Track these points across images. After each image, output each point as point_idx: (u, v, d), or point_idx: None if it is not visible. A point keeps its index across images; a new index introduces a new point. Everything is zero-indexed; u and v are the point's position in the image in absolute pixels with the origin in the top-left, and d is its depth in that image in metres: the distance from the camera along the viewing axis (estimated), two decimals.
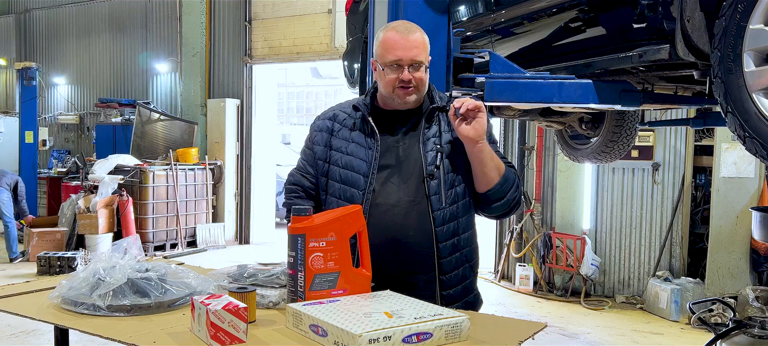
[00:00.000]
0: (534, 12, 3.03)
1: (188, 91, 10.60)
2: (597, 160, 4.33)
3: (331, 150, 2.07)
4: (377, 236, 1.94)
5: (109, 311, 1.70)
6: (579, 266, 6.70)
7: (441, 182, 1.97)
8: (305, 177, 2.12)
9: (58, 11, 12.54)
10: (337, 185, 2.04)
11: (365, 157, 2.01)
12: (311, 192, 2.11)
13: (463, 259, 2.03)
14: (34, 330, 5.24)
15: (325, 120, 2.14)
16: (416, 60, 1.96)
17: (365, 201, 1.97)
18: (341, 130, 2.09)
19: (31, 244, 8.17)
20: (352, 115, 2.10)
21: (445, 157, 1.99)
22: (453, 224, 1.99)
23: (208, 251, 9.52)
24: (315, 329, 1.53)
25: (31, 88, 10.87)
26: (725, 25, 1.97)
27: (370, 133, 2.03)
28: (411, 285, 1.94)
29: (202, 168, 9.75)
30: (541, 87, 2.70)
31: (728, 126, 2.04)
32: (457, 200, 2.00)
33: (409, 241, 1.96)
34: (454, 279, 2.01)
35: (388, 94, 2.01)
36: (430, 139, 2.01)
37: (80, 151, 11.70)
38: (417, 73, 1.97)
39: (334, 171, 2.05)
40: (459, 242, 2.01)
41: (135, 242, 2.24)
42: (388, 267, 1.95)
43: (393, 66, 1.96)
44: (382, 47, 1.99)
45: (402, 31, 1.99)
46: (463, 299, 2.03)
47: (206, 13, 10.44)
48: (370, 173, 1.99)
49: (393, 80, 1.98)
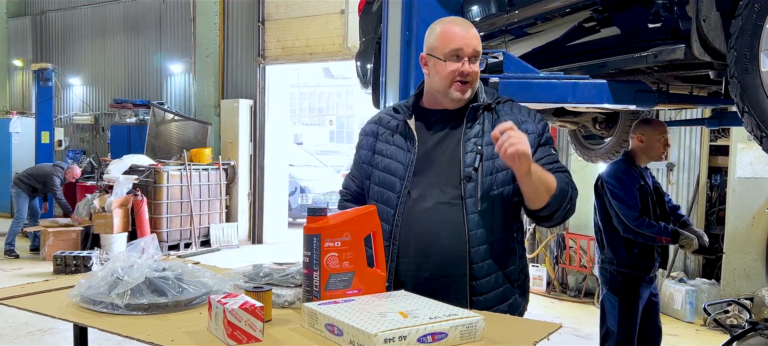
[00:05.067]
0: (547, 12, 3.03)
1: (202, 92, 10.67)
2: (611, 161, 4.31)
3: (374, 154, 2.06)
4: (410, 237, 1.94)
5: (127, 309, 1.72)
6: (593, 266, 6.67)
7: (478, 185, 1.90)
8: (353, 181, 2.16)
9: (74, 13, 12.68)
10: (375, 188, 2.03)
11: (403, 160, 1.98)
12: (359, 195, 2.13)
13: (497, 266, 1.94)
14: (50, 328, 5.30)
15: (371, 124, 2.14)
16: (478, 51, 1.93)
17: (399, 203, 1.95)
18: (385, 134, 2.07)
19: (47, 243, 8.26)
20: (395, 118, 2.08)
21: (486, 159, 1.91)
22: (488, 228, 1.91)
23: (221, 251, 9.59)
24: (330, 328, 1.54)
25: (47, 89, 11.01)
26: (742, 25, 1.96)
27: (410, 135, 2.01)
28: (443, 288, 1.91)
29: (215, 168, 9.81)
30: (556, 87, 2.70)
31: (745, 126, 2.03)
32: (493, 205, 1.92)
33: (442, 243, 1.92)
34: (486, 285, 1.93)
35: (444, 89, 1.96)
36: (471, 139, 1.95)
37: (95, 152, 11.82)
38: (474, 67, 1.94)
39: (375, 174, 2.05)
40: (494, 248, 1.93)
41: (152, 241, 2.27)
42: (420, 269, 1.94)
43: (453, 57, 1.92)
44: (441, 39, 1.93)
45: (461, 23, 1.97)
46: (496, 307, 1.93)
47: (220, 14, 10.50)
48: (406, 175, 1.96)
49: (452, 73, 1.92)
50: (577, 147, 4.64)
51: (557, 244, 7.04)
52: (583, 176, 6.99)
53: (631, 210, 3.44)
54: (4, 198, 12.47)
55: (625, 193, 3.48)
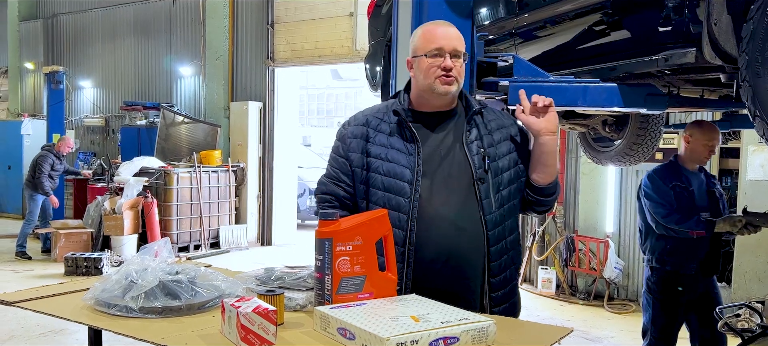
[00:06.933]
0: (557, 16, 3.03)
1: (211, 94, 10.72)
2: (620, 163, 4.30)
3: (368, 157, 2.02)
4: (428, 242, 1.94)
5: (141, 312, 1.74)
6: (602, 269, 6.65)
7: (489, 186, 1.98)
8: (339, 186, 2.07)
9: (85, 16, 12.77)
10: (380, 193, 2.00)
11: (408, 164, 1.98)
12: (346, 201, 2.06)
13: (510, 261, 2.05)
14: (62, 329, 5.34)
15: (358, 126, 2.08)
16: (457, 49, 1.99)
17: (412, 208, 1.95)
18: (377, 136, 2.04)
19: (58, 245, 8.32)
20: (386, 120, 2.06)
21: (491, 161, 2.01)
22: (501, 227, 2.00)
23: (231, 252, 9.62)
24: (343, 332, 1.55)
25: (58, 92, 11.09)
26: (753, 28, 1.95)
27: (410, 138, 2.00)
28: (463, 289, 1.96)
29: (225, 170, 9.85)
30: (566, 90, 2.70)
31: (756, 130, 2.02)
32: (503, 203, 2.01)
33: (462, 246, 1.96)
34: (502, 282, 2.02)
35: (427, 84, 2.00)
36: (473, 142, 2.02)
37: (106, 154, 11.91)
38: (457, 63, 1.99)
39: (376, 179, 2.00)
40: (506, 245, 2.03)
41: (165, 245, 2.27)
42: (440, 272, 1.95)
43: (434, 55, 1.98)
44: (423, 39, 2.02)
45: (442, 24, 2.05)
46: (510, 301, 2.06)
47: (229, 17, 10.55)
48: (415, 179, 1.97)
49: (434, 66, 1.98)
50: (587, 149, 4.63)
51: (566, 246, 7.02)
52: (592, 179, 6.99)
53: (661, 207, 3.55)
54: (16, 200, 12.59)
55: (656, 190, 3.59)
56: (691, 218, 3.48)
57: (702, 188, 3.64)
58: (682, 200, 3.56)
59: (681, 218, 3.50)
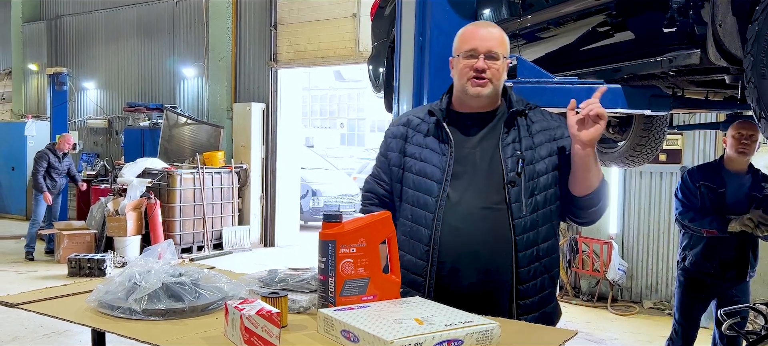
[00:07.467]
0: (561, 17, 3.02)
1: (215, 96, 10.74)
2: (624, 164, 4.29)
3: (405, 156, 2.04)
4: (452, 243, 1.93)
5: (144, 315, 1.73)
6: (606, 271, 6.64)
7: (522, 190, 1.92)
8: (380, 185, 2.12)
9: (88, 17, 12.80)
10: (410, 192, 2.01)
11: (439, 164, 1.98)
12: (385, 199, 2.10)
13: (542, 269, 1.97)
14: (65, 331, 5.35)
15: (399, 126, 2.11)
16: (492, 51, 1.96)
17: (439, 208, 1.94)
18: (415, 136, 2.05)
19: (61, 246, 8.34)
20: (426, 120, 2.06)
21: (526, 164, 1.94)
22: (533, 233, 1.94)
23: (234, 253, 9.63)
24: (346, 334, 1.55)
25: (61, 93, 11.11)
26: (758, 30, 1.95)
27: (445, 139, 2.00)
28: (487, 294, 1.93)
29: (228, 171, 9.86)
30: (570, 92, 2.68)
31: (761, 131, 2.01)
32: (537, 209, 1.94)
33: (488, 249, 1.92)
34: (532, 289, 1.96)
35: (461, 85, 1.99)
36: (510, 144, 1.96)
37: (109, 155, 11.92)
38: (493, 64, 1.96)
39: (408, 178, 2.02)
40: (539, 252, 1.96)
41: (169, 247, 2.27)
42: (464, 274, 1.94)
43: (468, 55, 1.96)
44: (460, 39, 2.01)
45: (482, 25, 2.04)
46: (541, 310, 1.98)
47: (232, 19, 10.56)
48: (444, 179, 1.96)
49: (466, 68, 1.96)
50: None
51: (570, 248, 7.00)
52: None
53: (680, 204, 3.65)
54: (19, 201, 12.62)
55: (682, 187, 3.69)
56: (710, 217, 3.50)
57: (741, 190, 3.56)
58: (709, 200, 3.57)
59: (695, 216, 3.55)
